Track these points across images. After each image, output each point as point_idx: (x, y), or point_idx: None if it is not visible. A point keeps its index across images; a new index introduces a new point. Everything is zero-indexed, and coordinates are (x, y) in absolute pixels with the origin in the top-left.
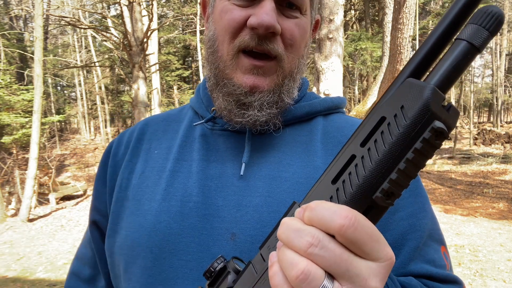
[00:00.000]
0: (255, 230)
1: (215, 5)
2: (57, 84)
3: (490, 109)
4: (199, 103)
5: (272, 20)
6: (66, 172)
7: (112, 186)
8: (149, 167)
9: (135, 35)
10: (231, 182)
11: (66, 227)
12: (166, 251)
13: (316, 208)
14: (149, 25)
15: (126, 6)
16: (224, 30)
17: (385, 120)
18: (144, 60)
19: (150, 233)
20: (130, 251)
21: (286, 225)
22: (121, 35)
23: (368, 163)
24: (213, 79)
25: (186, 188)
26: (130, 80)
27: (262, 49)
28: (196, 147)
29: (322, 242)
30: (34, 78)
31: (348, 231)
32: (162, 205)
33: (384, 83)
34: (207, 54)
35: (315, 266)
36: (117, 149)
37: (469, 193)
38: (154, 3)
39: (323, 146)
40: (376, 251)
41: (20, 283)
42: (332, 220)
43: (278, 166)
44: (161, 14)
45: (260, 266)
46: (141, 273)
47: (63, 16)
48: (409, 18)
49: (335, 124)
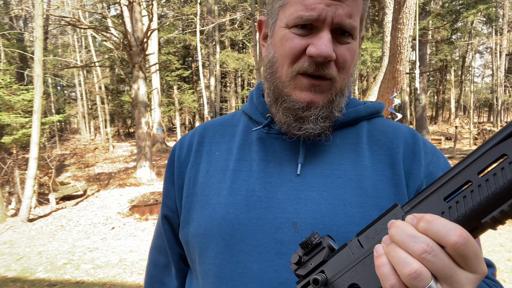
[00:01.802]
0: (314, 219)
1: (274, 30)
2: (57, 84)
3: (490, 109)
4: (253, 110)
5: (329, 51)
6: (66, 172)
7: (180, 184)
8: (212, 167)
9: (135, 35)
10: (289, 179)
11: (66, 227)
12: (236, 238)
13: (432, 221)
14: (149, 25)
15: (126, 6)
16: (285, 56)
17: (506, 158)
18: (144, 60)
19: (220, 223)
20: (203, 239)
21: (400, 229)
22: (121, 35)
23: (485, 192)
24: (272, 96)
25: (249, 184)
26: (130, 80)
27: (319, 74)
28: (255, 149)
29: (435, 251)
30: (34, 78)
31: (460, 248)
32: (229, 199)
33: (384, 83)
34: (265, 73)
35: (426, 269)
36: (180, 151)
37: None
38: (154, 3)
39: (369, 147)
40: (477, 266)
41: (20, 283)
42: (448, 235)
43: (330, 165)
44: (161, 14)
45: (358, 251)
46: (214, 256)
47: (63, 16)
48: (409, 18)
49: (378, 128)
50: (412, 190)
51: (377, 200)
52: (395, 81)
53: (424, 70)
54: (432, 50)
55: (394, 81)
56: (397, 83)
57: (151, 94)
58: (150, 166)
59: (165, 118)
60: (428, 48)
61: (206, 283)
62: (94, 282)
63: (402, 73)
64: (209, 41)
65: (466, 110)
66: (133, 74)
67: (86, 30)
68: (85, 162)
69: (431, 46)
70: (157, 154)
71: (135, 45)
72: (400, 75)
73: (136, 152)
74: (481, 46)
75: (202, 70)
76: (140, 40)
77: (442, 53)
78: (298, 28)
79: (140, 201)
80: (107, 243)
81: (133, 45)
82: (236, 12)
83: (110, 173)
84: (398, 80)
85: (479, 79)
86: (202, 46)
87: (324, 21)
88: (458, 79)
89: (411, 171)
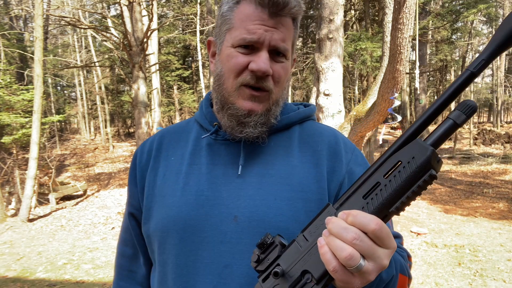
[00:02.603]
0: (251, 212)
1: (222, 49)
2: (57, 84)
3: (490, 109)
4: (203, 119)
5: (267, 67)
6: (66, 172)
7: (142, 186)
8: (169, 171)
9: (135, 35)
10: (232, 179)
11: (66, 227)
12: (188, 232)
13: (356, 215)
14: (149, 25)
15: (126, 6)
16: (230, 70)
17: (401, 163)
18: (144, 60)
19: (175, 220)
20: (161, 233)
21: (335, 223)
22: (121, 35)
23: (389, 189)
24: (219, 104)
25: (199, 185)
26: (130, 80)
27: (259, 86)
28: (204, 154)
29: (361, 237)
30: (34, 78)
31: (377, 232)
32: (182, 199)
33: (384, 83)
34: (214, 85)
35: (356, 251)
36: (141, 157)
37: (469, 193)
38: (154, 3)
39: (299, 149)
40: (389, 243)
41: (20, 283)
42: (368, 224)
43: (265, 166)
44: (161, 14)
45: (305, 244)
46: (171, 247)
47: (63, 16)
48: (409, 18)
49: (307, 132)
50: (335, 184)
51: (303, 194)
52: (395, 81)
53: (424, 70)
54: (432, 50)
55: (394, 81)
56: (397, 83)
57: (151, 94)
58: None
59: (165, 118)
60: (428, 48)
61: (166, 270)
62: (94, 282)
63: (402, 73)
64: None
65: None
66: (133, 74)
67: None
68: (85, 162)
69: (431, 46)
70: None
71: (135, 45)
72: (400, 75)
73: None
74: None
75: (202, 70)
76: (140, 40)
77: (442, 53)
78: (241, 47)
79: None
80: (107, 243)
81: (133, 45)
82: None
83: (110, 173)
84: (398, 80)
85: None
86: (202, 46)
87: (263, 43)
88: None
89: (334, 169)
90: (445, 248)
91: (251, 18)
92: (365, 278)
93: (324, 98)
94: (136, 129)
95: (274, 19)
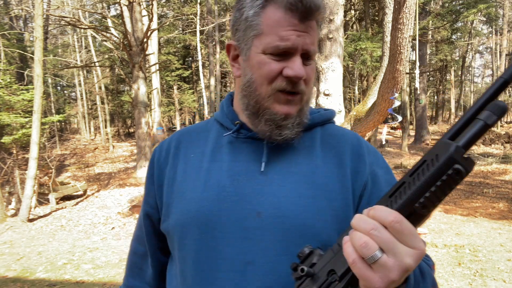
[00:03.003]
0: (275, 209)
1: (250, 55)
2: (57, 84)
3: None
4: (224, 118)
5: (303, 72)
6: (66, 172)
7: (160, 183)
8: (189, 167)
9: (135, 35)
10: (254, 176)
11: (66, 227)
12: (209, 227)
13: (376, 209)
14: (149, 25)
15: (126, 6)
16: (263, 77)
17: (425, 162)
18: (144, 60)
19: (196, 214)
20: (181, 228)
21: (357, 218)
22: (121, 35)
23: (413, 186)
24: (251, 109)
25: (221, 181)
26: (130, 80)
27: (295, 91)
28: (225, 151)
29: (379, 228)
30: (34, 78)
31: (395, 225)
32: (203, 194)
33: (384, 83)
34: (244, 91)
35: (372, 241)
36: (160, 155)
37: (469, 193)
38: (154, 3)
39: (321, 150)
40: (412, 241)
41: (20, 283)
42: (386, 217)
43: (288, 164)
44: (161, 14)
45: (336, 249)
46: (192, 243)
47: (63, 16)
48: (409, 18)
49: (329, 133)
50: (359, 184)
51: (327, 193)
52: (395, 81)
53: (424, 70)
54: (432, 50)
55: (394, 81)
56: (397, 83)
57: (151, 94)
58: None
59: (165, 118)
60: (428, 48)
61: (185, 266)
62: (94, 282)
63: (402, 73)
64: (209, 41)
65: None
66: (133, 74)
67: (86, 30)
68: (85, 162)
69: (431, 46)
70: None
71: (135, 45)
72: (400, 75)
73: (136, 152)
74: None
75: (202, 70)
76: (140, 40)
77: (442, 53)
78: (273, 55)
79: (140, 201)
80: (107, 243)
81: (133, 45)
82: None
83: (110, 173)
84: (398, 80)
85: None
86: (202, 46)
87: (296, 49)
88: (458, 79)
89: (357, 169)
90: (445, 248)
91: (282, 24)
92: (386, 275)
93: (324, 98)
94: (136, 129)
95: (305, 23)
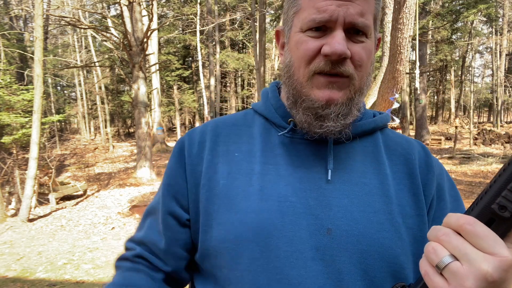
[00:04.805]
0: (349, 226)
1: (290, 36)
2: (57, 84)
3: (490, 109)
4: (271, 112)
5: (343, 48)
6: (66, 172)
7: (195, 183)
8: (234, 168)
9: (135, 35)
10: (319, 185)
11: (66, 227)
12: (272, 244)
13: (450, 216)
14: (149, 25)
15: (126, 6)
16: (301, 58)
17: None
18: (144, 60)
19: (255, 229)
20: (235, 245)
21: (432, 228)
22: (121, 35)
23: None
24: (291, 98)
25: (280, 190)
26: (130, 80)
27: (335, 72)
28: (279, 153)
29: (449, 234)
30: (34, 78)
31: (466, 228)
32: (261, 205)
33: (384, 83)
34: (284, 77)
35: (441, 246)
36: (191, 147)
37: (469, 193)
38: (154, 3)
39: (388, 157)
40: (491, 247)
41: (20, 283)
42: (457, 221)
43: (356, 173)
44: (161, 14)
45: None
46: (250, 262)
47: (63, 16)
48: (409, 18)
49: (392, 139)
50: (428, 199)
51: (401, 208)
52: (395, 81)
53: (424, 70)
54: (432, 50)
55: (394, 81)
56: (397, 83)
57: (151, 94)
58: (150, 166)
59: (165, 118)
60: (428, 48)
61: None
62: (94, 282)
63: (402, 73)
64: (209, 41)
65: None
66: (133, 74)
67: (86, 30)
68: (85, 162)
69: (431, 46)
70: (157, 154)
71: (135, 45)
72: (400, 75)
73: (136, 152)
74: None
75: (202, 70)
76: (140, 40)
77: (442, 53)
78: (312, 31)
79: (140, 201)
80: (107, 243)
81: (133, 45)
82: (236, 12)
83: (110, 173)
84: (398, 80)
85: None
86: (202, 46)
87: (336, 21)
88: (458, 79)
89: (426, 181)
90: None
91: None
92: (459, 284)
93: None
94: (136, 129)
95: None
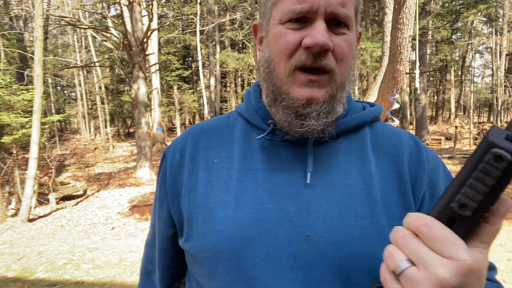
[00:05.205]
0: (328, 232)
1: (269, 29)
2: (57, 84)
3: (490, 109)
4: (252, 114)
5: (325, 39)
6: (66, 172)
7: (176, 193)
8: (213, 176)
9: (135, 35)
10: (298, 189)
11: (66, 227)
12: (248, 254)
13: (408, 215)
14: (149, 25)
15: (126, 6)
16: (281, 52)
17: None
18: (144, 60)
19: (231, 238)
20: (212, 255)
21: (393, 229)
22: (121, 35)
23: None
24: (271, 95)
25: (257, 196)
26: (130, 80)
27: (317, 66)
28: (258, 157)
29: (407, 236)
30: (34, 78)
31: (423, 230)
32: (237, 213)
33: (384, 83)
34: (263, 73)
35: (398, 251)
36: (173, 157)
37: None
38: (154, 3)
39: (374, 155)
40: (449, 250)
41: (20, 283)
42: (414, 222)
43: (339, 174)
44: (161, 14)
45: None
46: (227, 273)
47: (63, 16)
48: (409, 18)
49: (381, 134)
50: (418, 197)
51: (387, 209)
52: (395, 81)
53: (424, 70)
54: (432, 50)
55: (394, 81)
56: (397, 83)
57: (151, 94)
58: (150, 166)
59: (165, 118)
60: (428, 48)
61: None
62: (94, 282)
63: (402, 73)
64: (209, 41)
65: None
66: (133, 74)
67: (86, 30)
68: (85, 162)
69: (431, 46)
70: (157, 154)
71: (135, 45)
72: (400, 75)
73: (136, 152)
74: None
75: (202, 70)
76: (140, 40)
77: (442, 53)
78: (291, 22)
79: (140, 201)
80: (107, 243)
81: (133, 45)
82: (236, 12)
83: (110, 173)
84: (398, 80)
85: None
86: (202, 46)
87: (317, 11)
88: (458, 79)
89: (416, 179)
90: None
91: None
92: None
93: None
94: (136, 129)
95: None
